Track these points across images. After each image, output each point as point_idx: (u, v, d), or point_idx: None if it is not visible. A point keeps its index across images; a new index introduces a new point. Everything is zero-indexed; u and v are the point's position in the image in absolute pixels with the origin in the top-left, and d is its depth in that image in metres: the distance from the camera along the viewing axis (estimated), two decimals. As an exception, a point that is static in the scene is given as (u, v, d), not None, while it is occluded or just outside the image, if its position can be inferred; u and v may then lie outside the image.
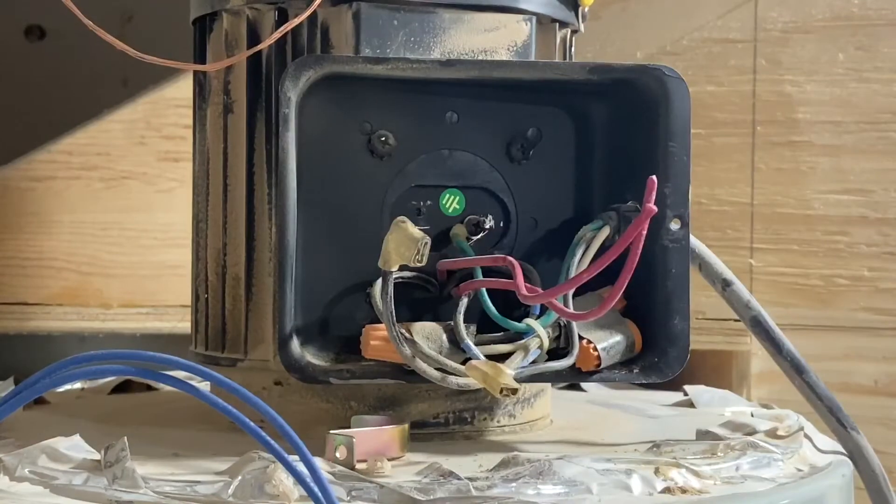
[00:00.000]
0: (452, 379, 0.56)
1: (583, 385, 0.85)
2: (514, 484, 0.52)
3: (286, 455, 0.43)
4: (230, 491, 0.51)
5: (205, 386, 0.74)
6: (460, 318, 0.57)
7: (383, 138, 0.61)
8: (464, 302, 0.58)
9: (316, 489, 0.42)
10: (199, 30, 0.69)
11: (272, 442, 0.43)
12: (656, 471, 0.55)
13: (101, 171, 1.04)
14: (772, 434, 0.65)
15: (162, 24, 1.05)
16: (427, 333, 0.57)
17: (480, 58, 0.64)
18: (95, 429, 0.66)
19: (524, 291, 0.55)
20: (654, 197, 0.48)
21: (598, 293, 0.60)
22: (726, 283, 0.71)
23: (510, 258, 0.56)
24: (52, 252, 1.03)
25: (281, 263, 0.58)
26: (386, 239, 0.55)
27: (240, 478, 0.51)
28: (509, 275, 0.57)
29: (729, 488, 0.55)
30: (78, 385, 0.84)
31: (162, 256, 1.05)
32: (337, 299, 0.61)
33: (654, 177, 0.48)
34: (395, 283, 0.56)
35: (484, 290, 0.59)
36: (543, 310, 0.59)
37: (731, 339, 1.01)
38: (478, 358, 0.56)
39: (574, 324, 0.59)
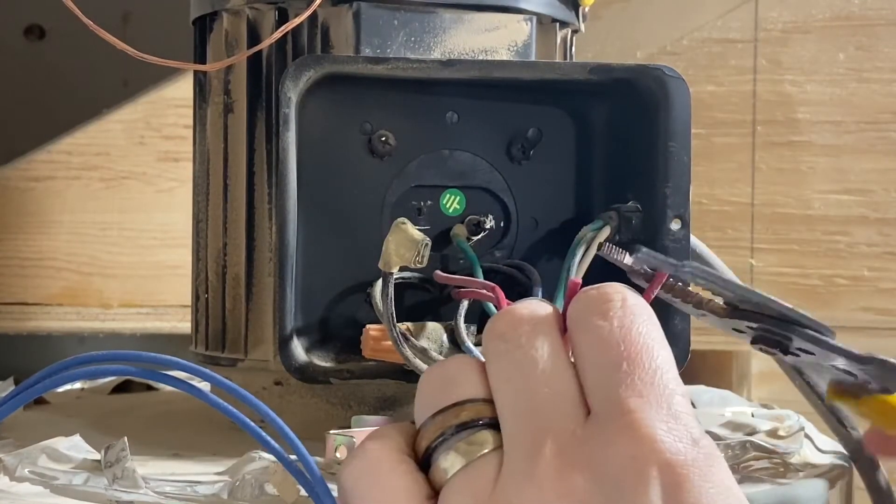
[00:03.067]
0: (452, 379, 0.56)
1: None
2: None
3: (286, 455, 0.43)
4: (230, 491, 0.51)
5: (205, 386, 0.74)
6: (461, 319, 0.57)
7: (383, 138, 0.61)
8: (464, 303, 0.58)
9: (315, 489, 0.42)
10: (199, 30, 0.69)
11: (272, 442, 0.43)
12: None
13: (101, 171, 1.04)
14: (772, 434, 0.65)
15: (162, 24, 1.05)
16: (427, 334, 0.57)
17: (481, 58, 0.64)
18: (95, 429, 0.66)
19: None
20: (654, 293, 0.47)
21: (598, 293, 0.60)
22: (726, 283, 0.70)
23: (499, 290, 0.54)
24: (52, 252, 1.04)
25: (281, 263, 0.58)
26: (386, 240, 0.55)
27: (240, 478, 0.51)
28: (513, 276, 0.57)
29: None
30: (78, 385, 0.84)
31: (161, 256, 1.05)
32: (337, 299, 0.61)
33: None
34: (395, 284, 0.56)
35: (484, 290, 0.59)
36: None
37: (731, 339, 1.01)
38: (478, 358, 0.56)
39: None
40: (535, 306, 0.41)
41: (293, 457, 0.43)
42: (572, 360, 0.40)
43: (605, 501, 0.36)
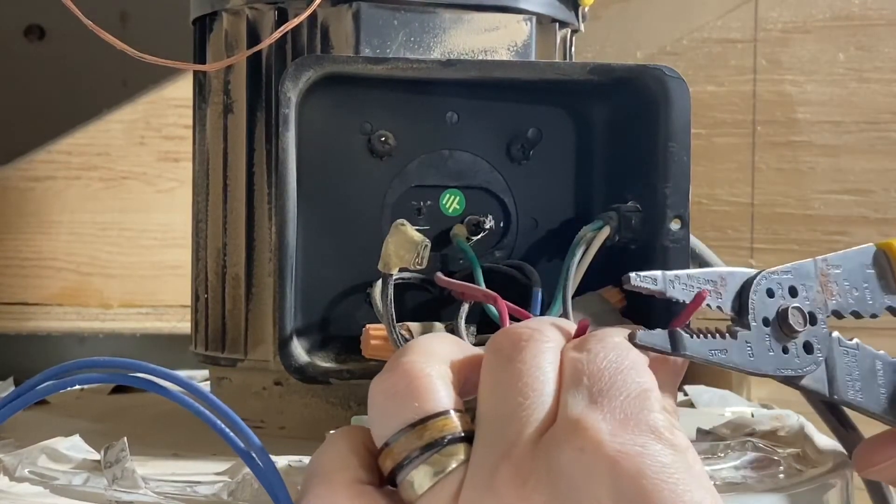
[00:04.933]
0: (452, 379, 0.56)
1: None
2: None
3: (245, 448, 0.43)
4: (230, 491, 0.51)
5: (205, 386, 0.74)
6: (461, 320, 0.57)
7: (383, 138, 0.61)
8: (465, 304, 0.58)
9: (274, 488, 0.42)
10: (199, 30, 0.69)
11: (235, 438, 0.43)
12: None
13: (101, 171, 1.05)
14: (772, 434, 0.65)
15: (162, 24, 1.05)
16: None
17: (480, 58, 0.64)
18: (95, 429, 0.66)
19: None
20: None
21: (598, 293, 0.60)
22: (726, 284, 0.70)
23: (501, 300, 0.54)
24: (52, 252, 1.04)
25: (281, 263, 0.58)
26: (386, 242, 0.55)
27: (240, 478, 0.51)
28: (512, 276, 0.56)
29: (729, 488, 0.55)
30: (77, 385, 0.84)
31: (162, 256, 1.05)
32: (337, 299, 0.61)
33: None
34: (395, 284, 0.55)
35: (484, 290, 0.59)
36: (544, 311, 0.58)
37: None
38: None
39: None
40: (539, 325, 0.43)
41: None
42: None
43: (561, 496, 0.37)
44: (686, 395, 0.81)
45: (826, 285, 0.51)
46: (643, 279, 0.47)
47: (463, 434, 0.40)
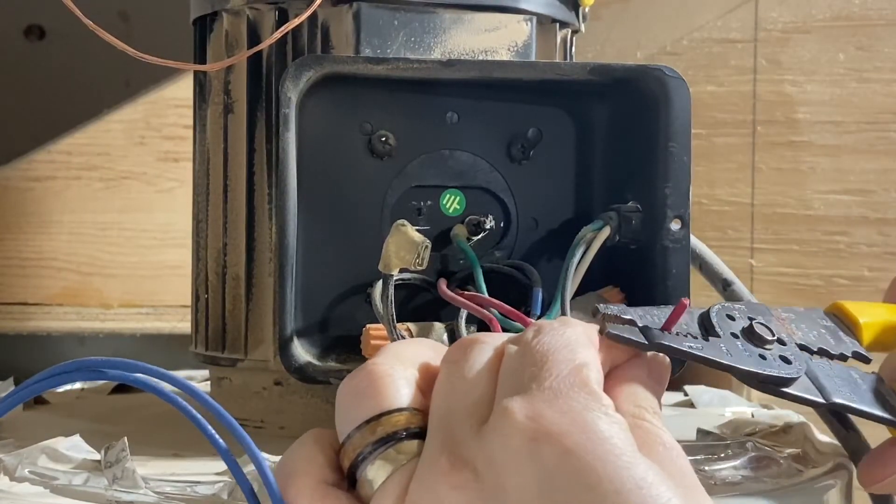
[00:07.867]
0: (452, 379, 0.56)
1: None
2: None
3: (233, 457, 0.43)
4: (230, 491, 0.51)
5: (205, 386, 0.74)
6: (462, 320, 0.57)
7: (383, 138, 0.61)
8: (465, 304, 0.58)
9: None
10: (199, 30, 0.69)
11: (221, 443, 0.43)
12: (656, 471, 0.55)
13: (101, 171, 1.05)
14: (772, 434, 0.65)
15: (162, 24, 1.05)
16: (428, 334, 0.57)
17: (481, 58, 0.64)
18: (95, 429, 0.66)
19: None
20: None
21: (598, 293, 0.60)
22: (726, 284, 0.71)
23: (497, 322, 0.55)
24: (52, 252, 1.04)
25: (281, 263, 0.58)
26: (386, 242, 0.55)
27: (240, 478, 0.51)
28: (513, 276, 0.56)
29: (729, 488, 0.55)
30: (78, 385, 0.84)
31: (162, 256, 1.05)
32: (337, 300, 0.61)
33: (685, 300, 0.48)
34: (395, 284, 0.55)
35: (485, 291, 0.59)
36: (544, 311, 0.59)
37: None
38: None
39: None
40: (485, 335, 0.44)
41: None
42: None
43: (493, 482, 0.38)
44: (686, 395, 0.81)
45: (784, 325, 0.51)
46: (613, 310, 0.47)
47: (419, 430, 0.41)
